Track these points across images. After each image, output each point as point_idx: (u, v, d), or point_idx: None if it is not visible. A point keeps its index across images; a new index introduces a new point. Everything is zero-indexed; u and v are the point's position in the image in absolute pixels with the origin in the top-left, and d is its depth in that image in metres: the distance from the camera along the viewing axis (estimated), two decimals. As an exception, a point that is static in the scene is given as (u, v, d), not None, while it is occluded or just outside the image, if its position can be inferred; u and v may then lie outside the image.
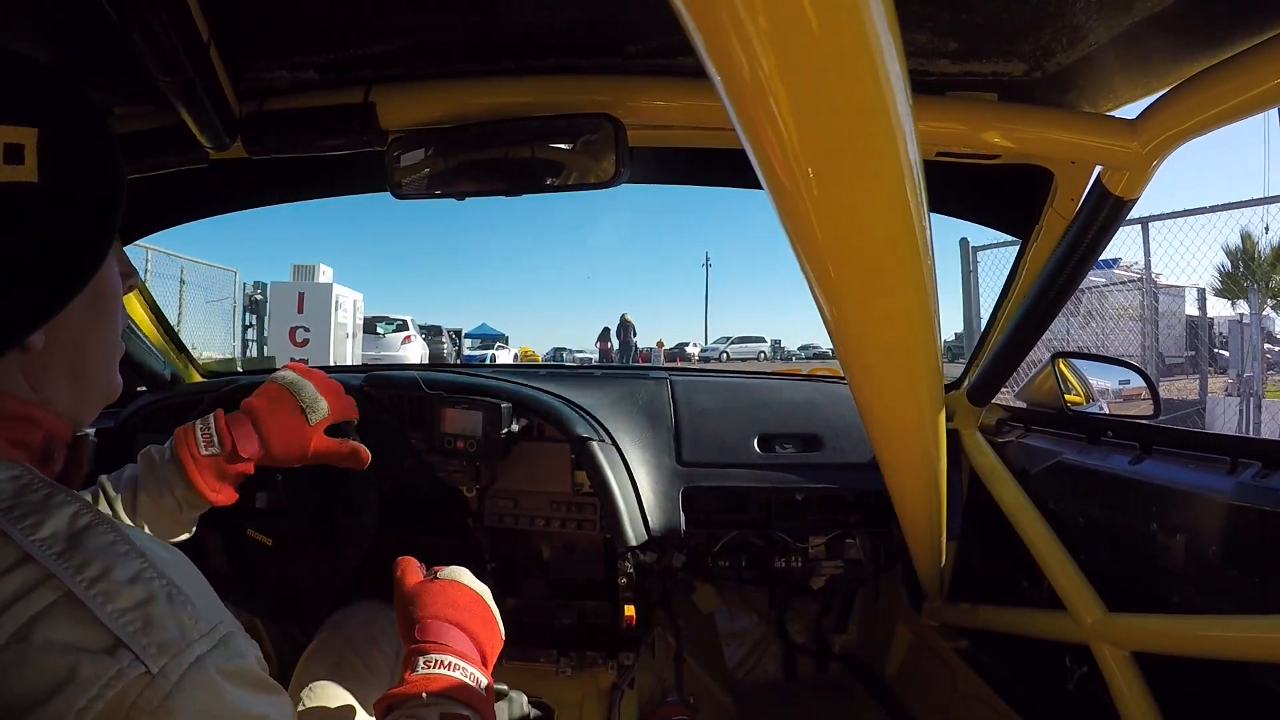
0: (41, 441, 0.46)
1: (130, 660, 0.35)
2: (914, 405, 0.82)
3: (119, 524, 0.40)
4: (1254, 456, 0.87)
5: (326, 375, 0.88)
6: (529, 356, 29.70)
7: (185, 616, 0.38)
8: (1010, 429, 1.39)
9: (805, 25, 0.33)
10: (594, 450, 1.26)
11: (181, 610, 0.38)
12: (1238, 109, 0.69)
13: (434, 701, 0.57)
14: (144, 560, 0.39)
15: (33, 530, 0.37)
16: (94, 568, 0.37)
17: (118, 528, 0.40)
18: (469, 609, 0.67)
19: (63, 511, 0.39)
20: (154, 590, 0.38)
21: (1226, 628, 0.83)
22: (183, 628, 0.38)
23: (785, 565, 1.52)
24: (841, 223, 0.48)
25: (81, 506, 0.40)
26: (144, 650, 0.35)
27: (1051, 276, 1.03)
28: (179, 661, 0.36)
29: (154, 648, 0.36)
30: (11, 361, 0.43)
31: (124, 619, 0.36)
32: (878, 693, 1.74)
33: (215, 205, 1.35)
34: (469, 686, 0.59)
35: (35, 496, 0.39)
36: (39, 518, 0.38)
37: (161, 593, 0.38)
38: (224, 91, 0.84)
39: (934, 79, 0.84)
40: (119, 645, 0.35)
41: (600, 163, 0.85)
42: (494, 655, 0.68)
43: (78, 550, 0.37)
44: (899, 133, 0.42)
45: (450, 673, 0.59)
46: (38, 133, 0.39)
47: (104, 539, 0.39)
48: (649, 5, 0.72)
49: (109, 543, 0.39)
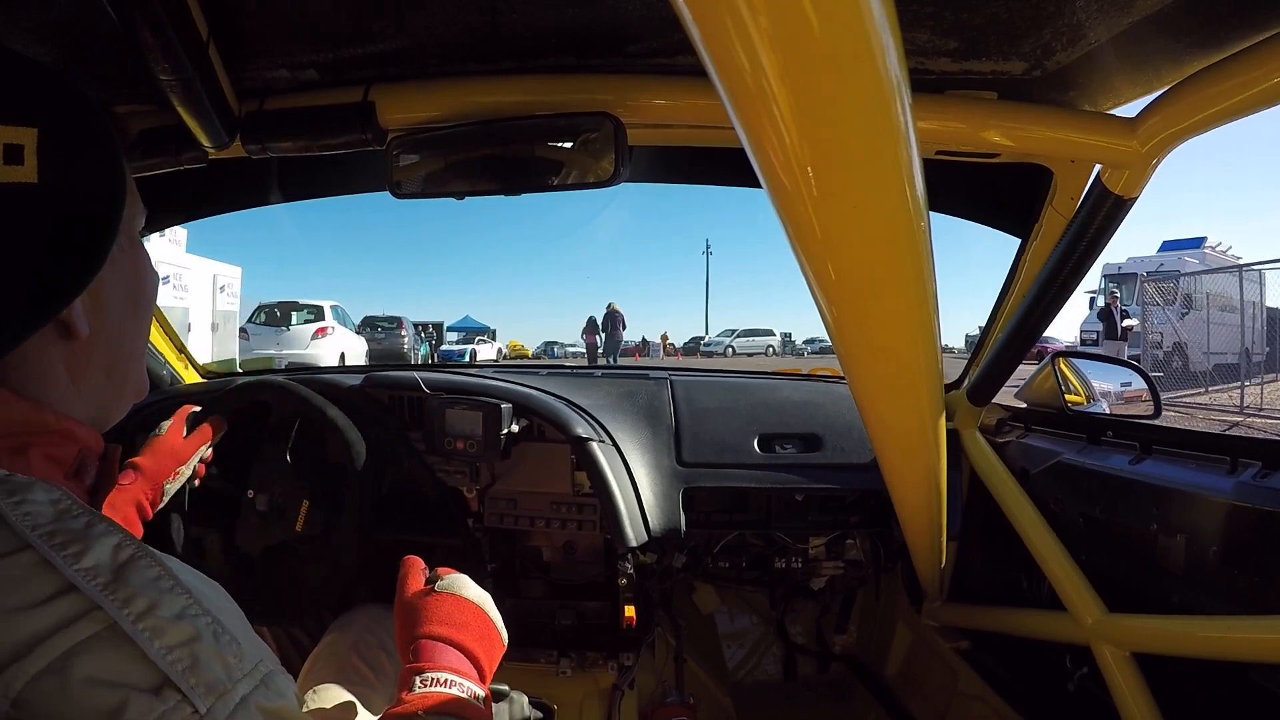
0: (75, 457, 0.45)
1: (178, 700, 0.35)
2: (914, 405, 0.82)
3: (161, 556, 0.40)
4: (1254, 456, 0.87)
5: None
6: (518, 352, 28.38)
7: (230, 656, 0.38)
8: (1010, 429, 1.39)
9: (805, 25, 0.33)
10: (594, 451, 1.26)
11: (227, 650, 0.38)
12: (1237, 107, 0.69)
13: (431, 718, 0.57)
14: (189, 596, 0.39)
15: (76, 559, 0.36)
16: (140, 602, 0.36)
17: (161, 560, 0.40)
18: (466, 625, 0.66)
19: (105, 542, 0.38)
20: (200, 628, 0.38)
21: (1226, 628, 0.83)
22: (228, 667, 0.38)
23: (785, 566, 1.52)
24: (841, 222, 0.48)
25: (125, 538, 0.39)
26: (192, 690, 0.35)
27: (1051, 276, 1.03)
28: (226, 702, 0.36)
29: (202, 687, 0.36)
30: (54, 351, 0.43)
31: (171, 656, 0.35)
32: (878, 693, 1.74)
33: (215, 205, 1.35)
34: (465, 701, 0.59)
35: (76, 524, 0.38)
36: (81, 546, 0.37)
37: (207, 631, 0.38)
38: (224, 91, 0.84)
39: (934, 78, 0.84)
40: (166, 684, 0.35)
41: (600, 162, 0.85)
42: (493, 665, 0.67)
43: (123, 584, 0.37)
44: (899, 131, 0.42)
45: (446, 689, 0.59)
46: (37, 133, 0.39)
47: (149, 573, 0.38)
48: (649, 5, 0.72)
49: (154, 577, 0.38)
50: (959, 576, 1.45)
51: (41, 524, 0.37)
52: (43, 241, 0.40)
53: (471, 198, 0.92)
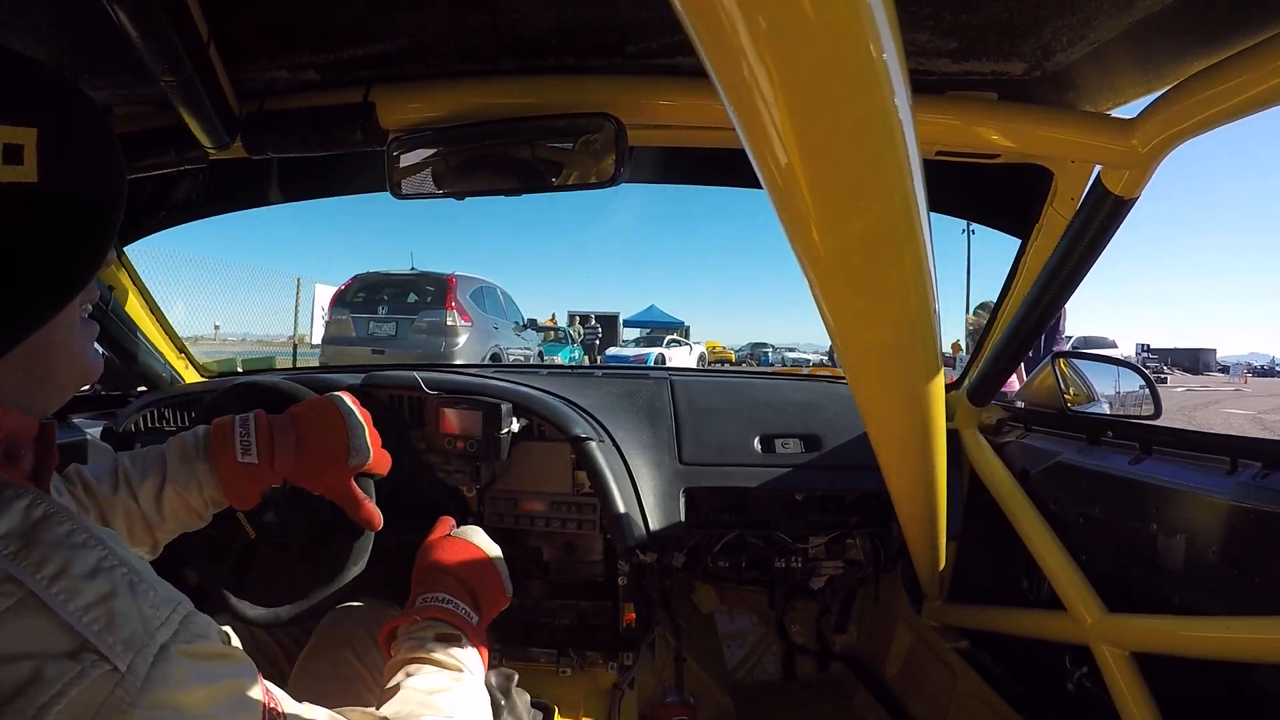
0: (2, 441, 0.44)
1: (95, 659, 0.35)
2: (914, 405, 0.82)
3: (73, 514, 0.40)
4: (1254, 457, 0.87)
5: (372, 422, 0.88)
6: (719, 355, 23.55)
7: (147, 606, 0.38)
8: (1010, 429, 1.39)
9: (805, 25, 0.33)
10: (594, 450, 1.26)
11: (144, 600, 0.38)
12: (1238, 108, 0.69)
13: (430, 624, 0.68)
14: (103, 548, 0.39)
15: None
16: (52, 564, 0.36)
17: (73, 516, 0.39)
18: (467, 562, 0.78)
19: (15, 506, 0.38)
20: (115, 582, 0.38)
21: (1226, 628, 0.83)
22: (145, 620, 0.38)
23: (785, 565, 1.52)
24: (841, 222, 0.48)
25: (36, 498, 0.39)
26: (110, 648, 0.35)
27: (1051, 276, 1.03)
28: (145, 655, 0.36)
29: (120, 645, 0.36)
30: None
31: (87, 617, 0.36)
32: (878, 693, 1.74)
33: (215, 205, 1.35)
34: (458, 615, 0.70)
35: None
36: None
37: (123, 583, 0.38)
38: (224, 91, 0.84)
39: (934, 78, 0.84)
40: (83, 648, 0.35)
41: (600, 162, 0.85)
42: (489, 604, 0.77)
43: (34, 546, 0.37)
44: (899, 132, 0.42)
45: (443, 604, 0.70)
46: (37, 133, 0.39)
47: (60, 530, 0.38)
48: (649, 5, 0.72)
49: (66, 533, 0.38)
50: (959, 576, 1.45)
51: None
52: (42, 241, 0.40)
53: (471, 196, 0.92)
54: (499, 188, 0.90)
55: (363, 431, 0.84)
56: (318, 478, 0.82)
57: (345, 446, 0.82)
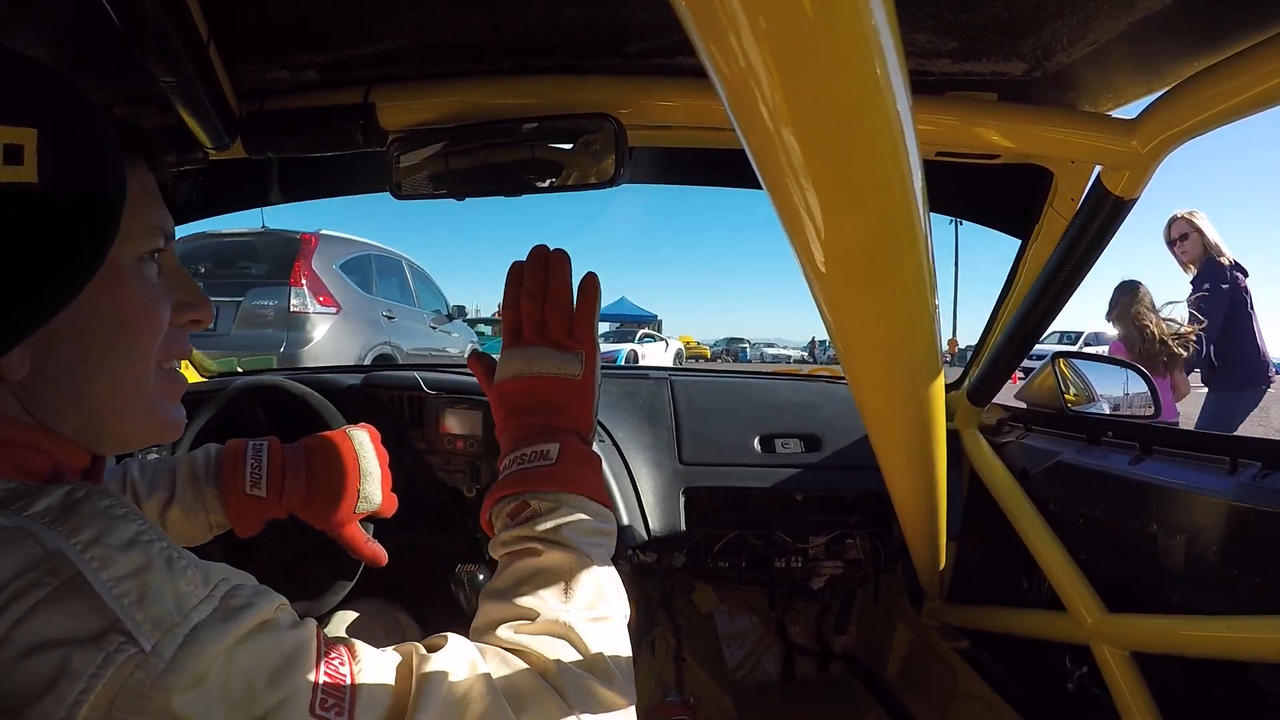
0: (48, 470, 0.44)
1: (121, 642, 0.33)
2: (914, 405, 0.82)
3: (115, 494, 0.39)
4: (1254, 457, 0.87)
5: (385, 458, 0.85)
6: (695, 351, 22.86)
7: (184, 583, 0.36)
8: (1010, 429, 1.39)
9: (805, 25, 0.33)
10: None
11: (180, 576, 0.37)
12: (1238, 108, 0.69)
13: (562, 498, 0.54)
14: (142, 523, 0.38)
15: (26, 508, 0.36)
16: (89, 531, 0.35)
17: (116, 495, 0.39)
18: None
19: (56, 491, 0.38)
20: (152, 555, 0.36)
21: (1226, 628, 0.83)
22: (179, 597, 0.36)
23: (785, 565, 1.52)
24: (841, 223, 0.48)
25: (76, 486, 0.39)
26: (137, 627, 0.34)
27: (1051, 276, 1.03)
28: (175, 635, 0.35)
29: (149, 623, 0.34)
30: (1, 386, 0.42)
31: (119, 589, 0.34)
32: (878, 693, 1.74)
33: (215, 205, 1.35)
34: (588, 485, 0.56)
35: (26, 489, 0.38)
36: (30, 499, 0.37)
37: (160, 556, 0.37)
38: (224, 91, 0.84)
39: (934, 79, 0.84)
40: (111, 629, 0.33)
41: (600, 163, 0.85)
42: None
43: (72, 515, 0.36)
44: (899, 132, 0.42)
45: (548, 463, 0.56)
46: (37, 133, 0.39)
47: (100, 504, 0.38)
48: (649, 5, 0.72)
49: (105, 507, 0.38)
50: (959, 576, 1.45)
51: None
52: (42, 242, 0.40)
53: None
54: (499, 188, 0.90)
55: (376, 479, 0.82)
56: (323, 517, 0.80)
57: (355, 494, 0.80)
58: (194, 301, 0.52)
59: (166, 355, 0.50)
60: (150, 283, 0.48)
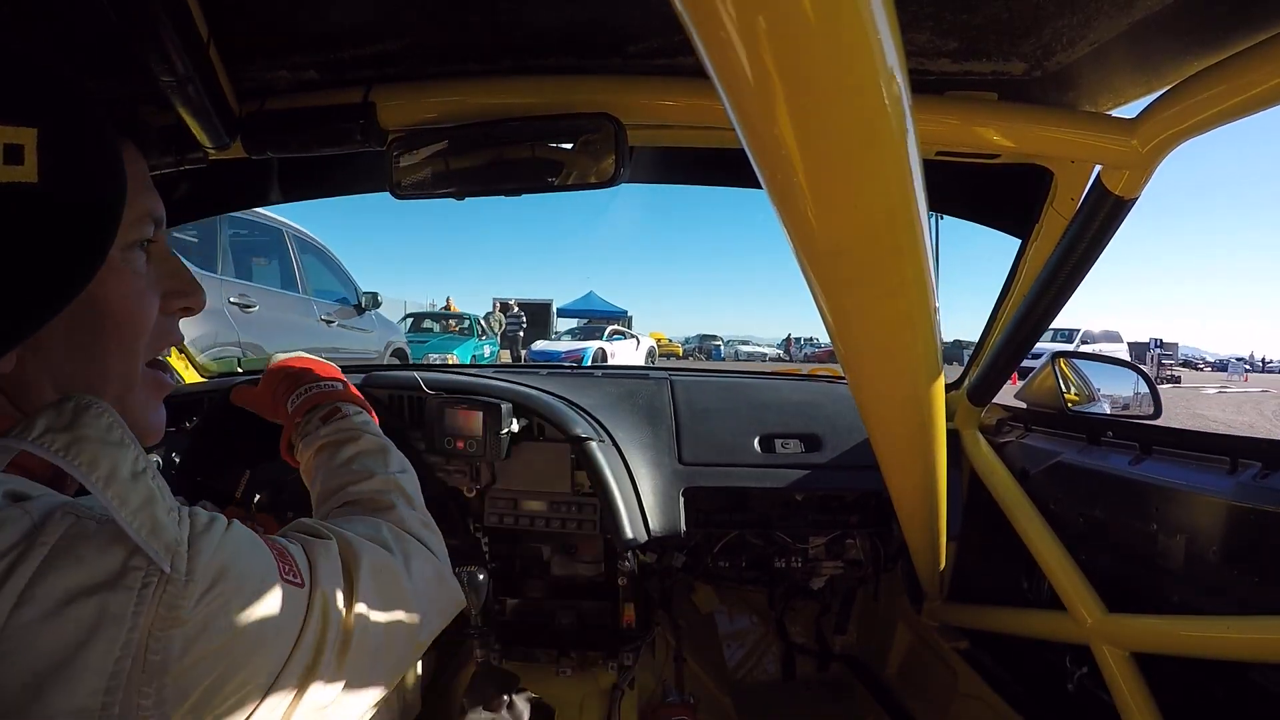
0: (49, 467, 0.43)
1: (147, 568, 0.36)
2: (914, 405, 0.82)
3: (106, 405, 0.40)
4: (1254, 457, 0.87)
5: None
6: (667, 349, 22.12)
7: (170, 506, 0.39)
8: (1010, 429, 1.39)
9: (805, 25, 0.33)
10: (593, 450, 1.26)
11: (167, 499, 0.39)
12: (1238, 108, 0.69)
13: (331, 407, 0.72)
14: (135, 445, 0.39)
15: (26, 432, 0.36)
16: (104, 465, 0.37)
17: (109, 408, 0.40)
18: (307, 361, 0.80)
19: (47, 408, 0.38)
20: (150, 487, 0.38)
21: (1226, 628, 0.83)
22: (173, 521, 0.38)
23: (785, 565, 1.52)
24: (841, 222, 0.48)
25: (65, 396, 0.39)
26: (157, 555, 0.36)
27: (1051, 276, 1.03)
28: (180, 556, 0.37)
29: (163, 549, 0.36)
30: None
31: (137, 522, 0.36)
32: (878, 693, 1.74)
33: (215, 205, 1.35)
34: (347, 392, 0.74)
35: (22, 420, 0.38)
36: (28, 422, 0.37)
37: (155, 486, 0.38)
38: (224, 91, 0.84)
39: (934, 78, 0.84)
40: (135, 552, 0.36)
41: (600, 162, 0.85)
42: None
43: (83, 442, 0.37)
44: (899, 132, 0.42)
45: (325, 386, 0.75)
46: (37, 133, 0.39)
47: (101, 423, 0.38)
48: (649, 5, 0.72)
49: (106, 428, 0.38)
50: (959, 576, 1.45)
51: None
52: (42, 242, 0.40)
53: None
54: (499, 188, 0.90)
55: None
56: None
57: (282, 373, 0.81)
58: (184, 289, 0.51)
59: (156, 348, 0.50)
60: (138, 273, 0.47)
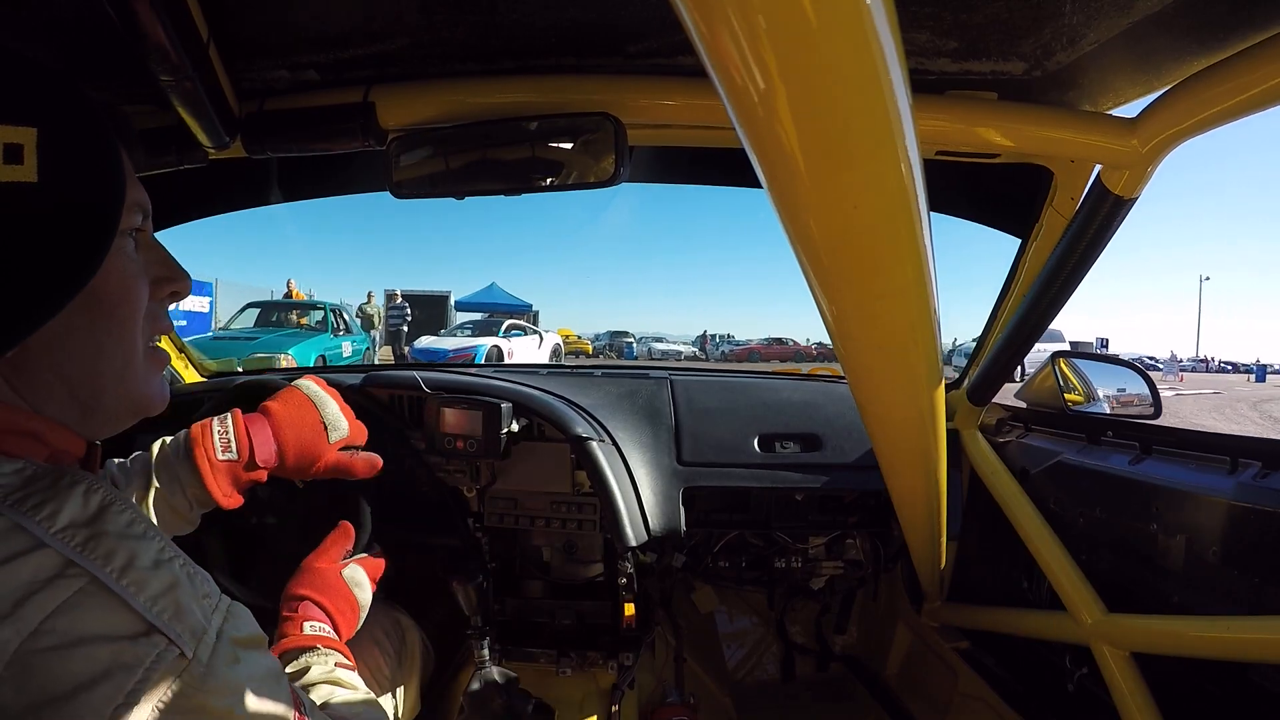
0: (45, 459, 0.44)
1: (166, 644, 0.37)
2: (914, 405, 0.82)
3: (130, 501, 0.41)
4: (1254, 457, 0.87)
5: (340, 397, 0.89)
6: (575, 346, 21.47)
7: (202, 596, 0.40)
8: (1010, 429, 1.39)
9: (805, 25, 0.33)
10: (594, 450, 1.26)
11: (199, 590, 0.40)
12: (1238, 108, 0.69)
13: (332, 653, 0.73)
14: (161, 539, 0.40)
15: (50, 521, 0.37)
16: (120, 556, 0.38)
17: (131, 505, 0.41)
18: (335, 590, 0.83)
19: (74, 493, 0.39)
20: (176, 574, 0.39)
21: (1226, 628, 0.83)
22: (204, 610, 0.40)
23: (785, 566, 1.52)
24: (841, 222, 0.48)
25: (91, 483, 0.40)
26: (179, 637, 0.37)
27: (1051, 276, 1.03)
28: (206, 643, 0.39)
29: (187, 633, 0.38)
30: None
31: (157, 608, 0.37)
32: (878, 693, 1.74)
33: (215, 205, 1.35)
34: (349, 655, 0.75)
35: (44, 483, 0.39)
36: (54, 506, 0.38)
37: (183, 574, 0.40)
38: (224, 91, 0.84)
39: (934, 78, 0.84)
40: (152, 632, 0.36)
41: (600, 162, 0.85)
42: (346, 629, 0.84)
43: (100, 538, 0.38)
44: (899, 132, 0.42)
45: (331, 634, 0.76)
46: (37, 133, 0.39)
47: (121, 520, 0.39)
48: (649, 5, 0.72)
49: (126, 524, 0.39)
50: (959, 576, 1.45)
51: (10, 490, 0.38)
52: (42, 241, 0.40)
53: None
54: (499, 187, 0.90)
55: (335, 407, 0.86)
56: (304, 460, 0.82)
57: (322, 425, 0.83)
58: (171, 275, 0.53)
59: (150, 331, 0.51)
60: (130, 259, 0.48)
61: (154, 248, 0.52)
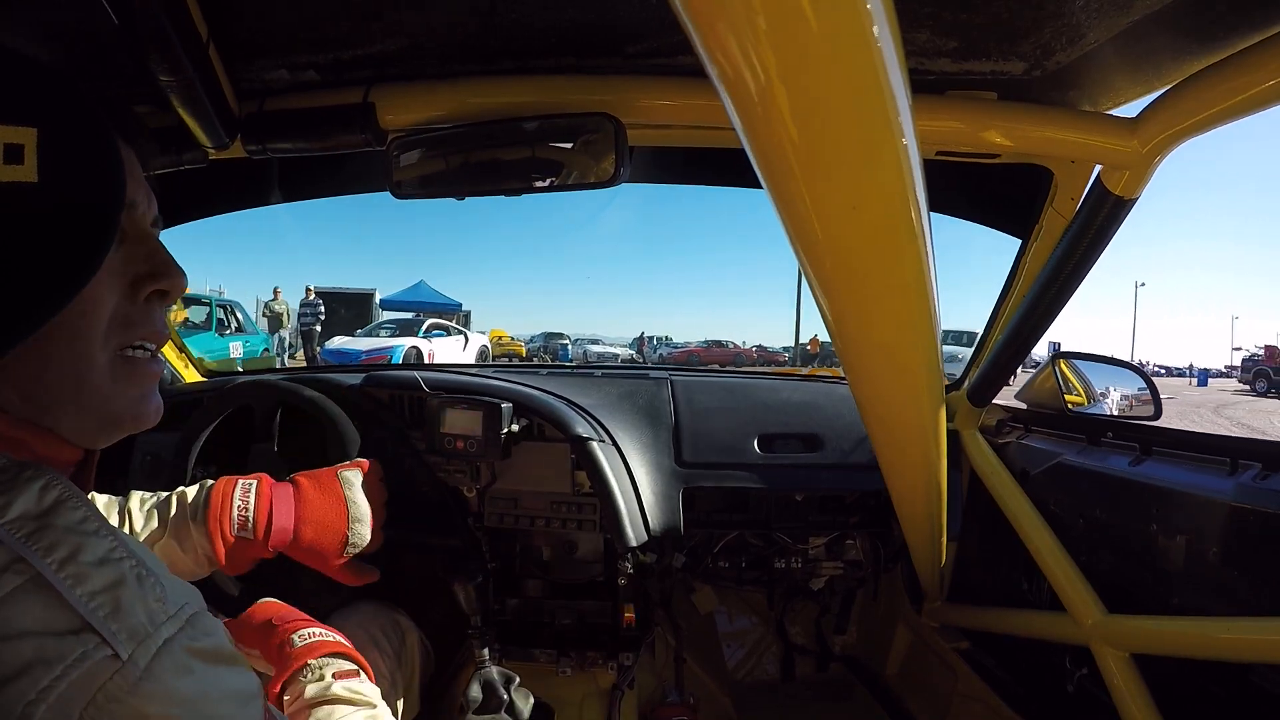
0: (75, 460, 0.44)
1: (97, 643, 0.34)
2: (914, 405, 0.82)
3: (87, 500, 0.40)
4: (1254, 458, 0.87)
5: (382, 496, 0.89)
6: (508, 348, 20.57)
7: (153, 600, 0.38)
8: (1010, 430, 1.38)
9: (805, 25, 0.33)
10: (594, 450, 1.26)
11: (150, 593, 0.38)
12: (1238, 107, 0.69)
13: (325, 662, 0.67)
14: (114, 539, 0.39)
15: (1, 512, 0.36)
16: (63, 549, 0.36)
17: (88, 503, 0.39)
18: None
19: (31, 488, 0.38)
20: (123, 572, 0.37)
21: (1226, 629, 0.83)
22: (150, 612, 0.37)
23: (785, 566, 1.52)
24: (841, 222, 0.48)
25: (51, 479, 0.39)
26: (113, 636, 0.35)
27: (1051, 276, 1.03)
28: (147, 647, 0.36)
29: (124, 633, 0.35)
30: None
31: (93, 603, 0.35)
32: (878, 693, 1.74)
33: (215, 205, 1.35)
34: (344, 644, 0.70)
35: (5, 476, 0.38)
36: (8, 498, 0.37)
37: (131, 574, 0.38)
38: (224, 91, 0.84)
39: (934, 78, 0.84)
40: (85, 629, 0.35)
41: (600, 162, 0.85)
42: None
43: (47, 530, 0.36)
44: (899, 132, 0.42)
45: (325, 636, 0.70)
46: (37, 133, 0.39)
47: (73, 516, 0.38)
48: (649, 5, 0.72)
49: (78, 520, 0.38)
50: (959, 577, 1.45)
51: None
52: (42, 241, 0.40)
53: (471, 198, 0.92)
54: (499, 188, 0.90)
55: (366, 522, 0.86)
56: (309, 559, 0.84)
57: (343, 539, 0.84)
58: (155, 272, 0.47)
59: (126, 337, 0.47)
60: None
61: (142, 241, 0.48)
